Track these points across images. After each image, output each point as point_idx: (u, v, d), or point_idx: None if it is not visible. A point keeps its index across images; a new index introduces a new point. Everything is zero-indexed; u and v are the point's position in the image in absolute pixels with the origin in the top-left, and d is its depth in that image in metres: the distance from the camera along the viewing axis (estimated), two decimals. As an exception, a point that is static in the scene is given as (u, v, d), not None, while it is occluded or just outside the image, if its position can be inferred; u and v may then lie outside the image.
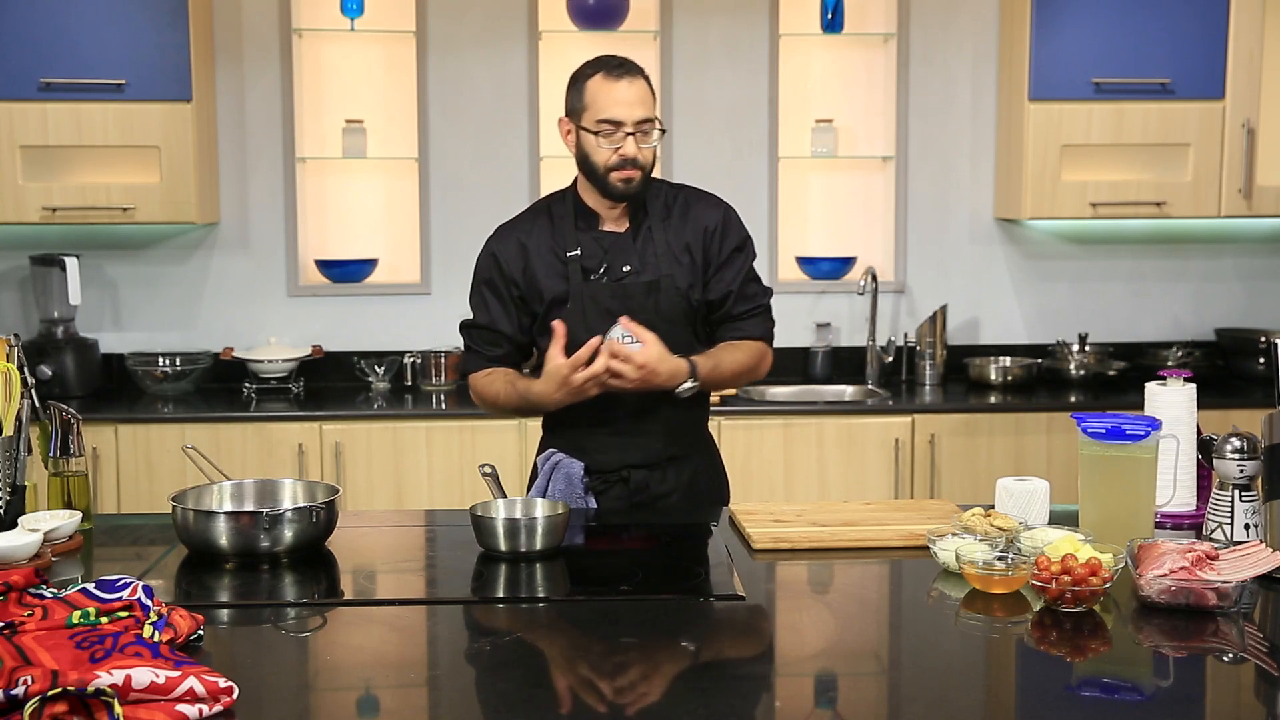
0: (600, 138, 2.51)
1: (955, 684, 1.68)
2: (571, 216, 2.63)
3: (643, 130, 2.52)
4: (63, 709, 1.42)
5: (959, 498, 4.00)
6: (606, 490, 2.63)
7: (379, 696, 1.64)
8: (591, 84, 2.53)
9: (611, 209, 2.62)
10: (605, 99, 2.51)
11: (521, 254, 2.62)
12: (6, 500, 2.26)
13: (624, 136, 2.50)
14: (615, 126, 2.51)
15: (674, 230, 2.62)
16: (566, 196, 2.67)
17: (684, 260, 2.61)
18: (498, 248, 2.65)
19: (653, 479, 2.64)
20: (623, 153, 2.51)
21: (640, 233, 2.62)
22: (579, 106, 2.55)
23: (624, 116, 2.50)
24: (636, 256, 2.60)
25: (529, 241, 2.62)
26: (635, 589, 2.05)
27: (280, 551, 2.15)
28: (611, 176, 2.53)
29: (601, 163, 2.53)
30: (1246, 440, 2.20)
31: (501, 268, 2.63)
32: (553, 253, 2.61)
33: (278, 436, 3.98)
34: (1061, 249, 4.67)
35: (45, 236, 4.39)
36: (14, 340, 2.37)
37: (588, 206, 2.63)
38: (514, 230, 2.67)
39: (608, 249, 2.60)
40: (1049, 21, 4.23)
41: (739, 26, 4.51)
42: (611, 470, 2.63)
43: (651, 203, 2.64)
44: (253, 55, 4.40)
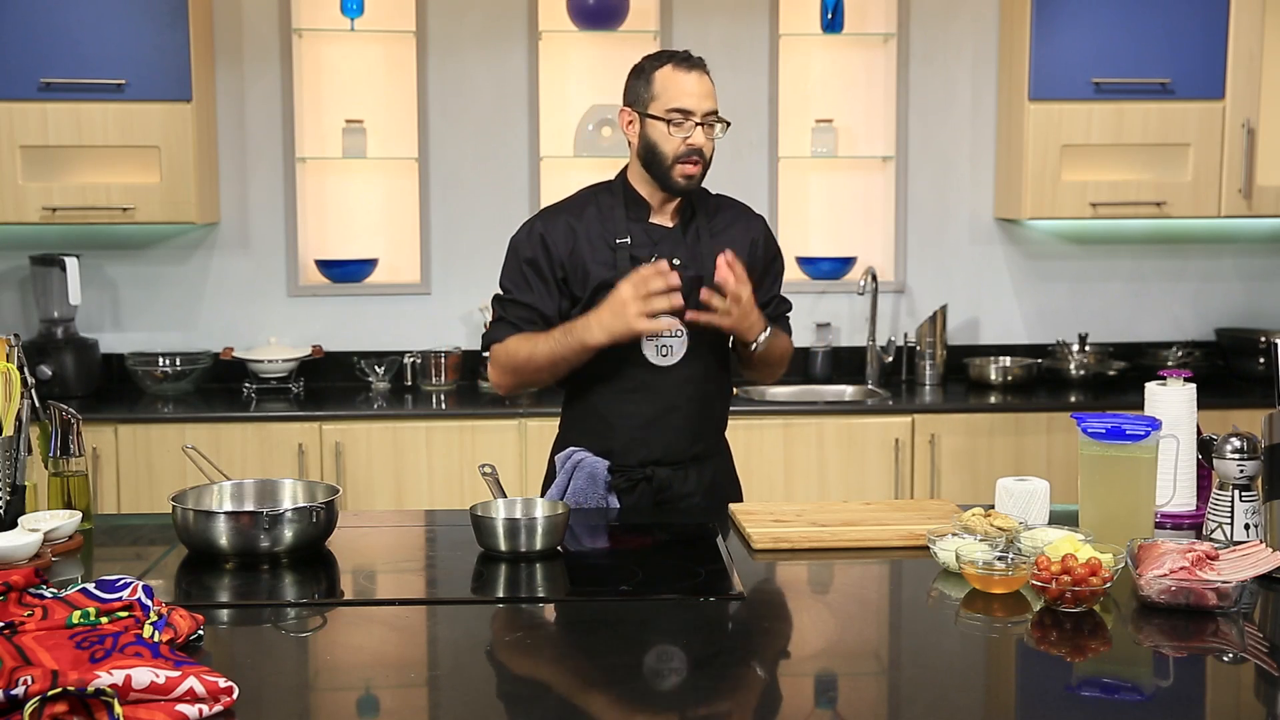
0: (671, 126, 2.53)
1: (955, 684, 1.68)
2: (622, 205, 2.64)
3: (709, 123, 2.55)
4: (63, 709, 1.42)
5: (959, 498, 4.00)
6: (630, 489, 2.63)
7: (379, 696, 1.64)
8: (661, 74, 2.55)
9: (663, 203, 2.64)
10: (676, 89, 2.53)
11: (570, 236, 2.61)
12: (6, 500, 2.26)
13: (693, 126, 2.53)
14: (685, 116, 2.52)
15: (720, 233, 2.66)
16: (614, 187, 2.67)
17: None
18: (545, 228, 2.63)
19: (676, 478, 2.64)
20: (691, 142, 2.53)
21: (689, 230, 2.64)
22: (646, 96, 2.56)
23: (694, 107, 2.53)
24: (686, 251, 2.61)
25: (578, 225, 2.62)
26: (635, 589, 2.05)
27: (280, 551, 2.15)
28: (677, 168, 2.55)
29: (670, 152, 2.54)
30: (1246, 440, 2.20)
31: (549, 248, 2.61)
32: (601, 239, 2.61)
33: (278, 436, 3.98)
34: (1061, 249, 4.67)
35: (45, 236, 4.39)
36: (14, 340, 2.37)
37: (639, 197, 2.64)
38: (562, 213, 2.66)
39: (658, 241, 2.62)
40: (1049, 21, 4.23)
41: (739, 26, 4.51)
42: (635, 468, 2.63)
43: (698, 204, 2.67)
44: (253, 55, 4.40)
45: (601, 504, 2.61)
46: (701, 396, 2.64)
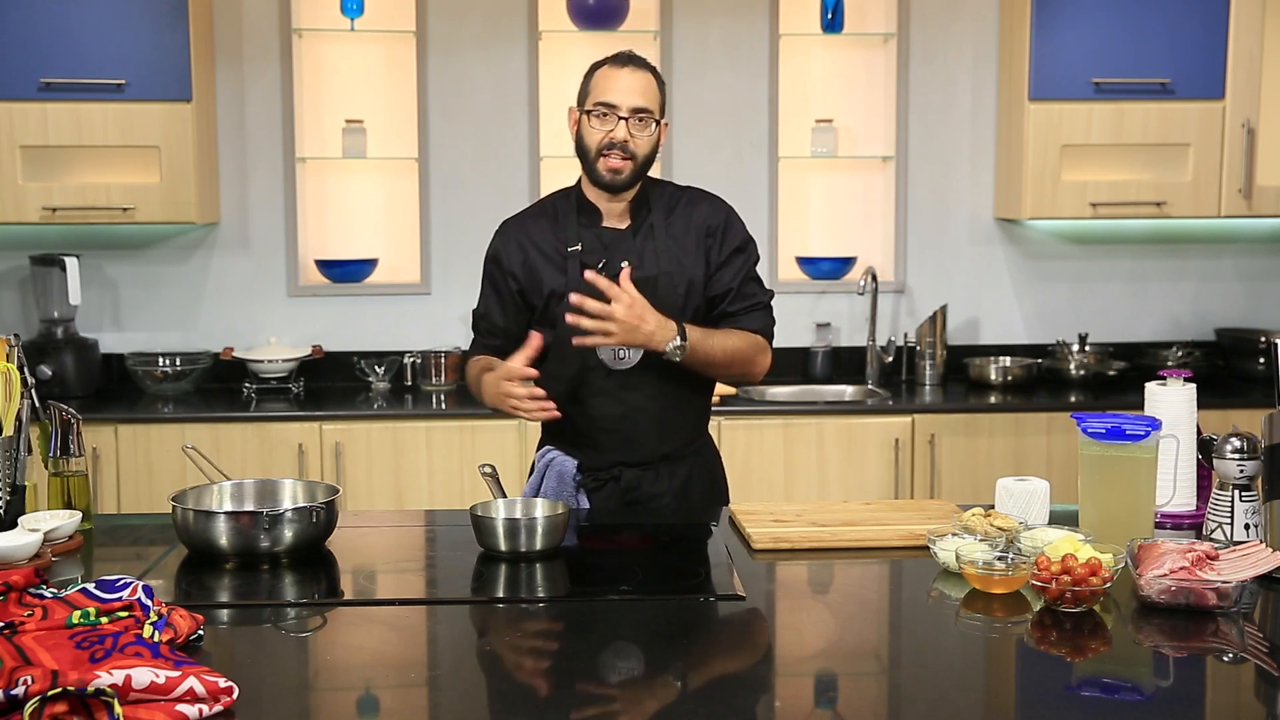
0: (594, 119, 2.55)
1: (955, 684, 1.68)
2: (574, 212, 2.65)
3: (638, 119, 2.54)
4: (63, 709, 1.42)
5: (959, 498, 4.00)
6: (598, 489, 2.63)
7: (379, 696, 1.64)
8: (599, 73, 2.59)
9: (613, 204, 2.63)
10: (604, 84, 2.56)
11: (521, 248, 2.65)
12: (6, 500, 2.26)
13: (616, 120, 2.53)
14: (609, 109, 2.54)
15: (676, 229, 2.64)
16: (571, 193, 2.69)
17: (684, 259, 2.62)
18: (500, 242, 2.69)
19: (645, 478, 2.63)
20: (612, 135, 2.53)
21: (641, 230, 2.63)
22: (583, 94, 2.60)
23: (619, 101, 2.53)
24: (636, 253, 2.61)
25: (531, 236, 2.65)
26: (635, 589, 2.05)
27: (280, 551, 2.15)
28: (600, 163, 2.55)
29: (592, 145, 2.56)
30: (1246, 440, 2.20)
31: (501, 262, 2.66)
32: (554, 247, 2.63)
33: (278, 436, 3.98)
34: (1061, 249, 4.67)
35: (45, 236, 4.39)
36: (14, 340, 2.37)
37: (590, 202, 2.65)
38: (517, 225, 2.70)
39: (608, 244, 2.62)
40: (1049, 21, 4.23)
41: (739, 26, 4.51)
42: (603, 468, 2.63)
43: (655, 202, 2.66)
44: (253, 55, 4.40)
45: (571, 503, 2.61)
46: (665, 397, 2.60)
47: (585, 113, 2.58)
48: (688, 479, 2.68)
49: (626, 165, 2.55)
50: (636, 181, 2.61)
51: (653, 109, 2.56)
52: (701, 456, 2.74)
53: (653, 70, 2.60)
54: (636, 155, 2.56)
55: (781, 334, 2.83)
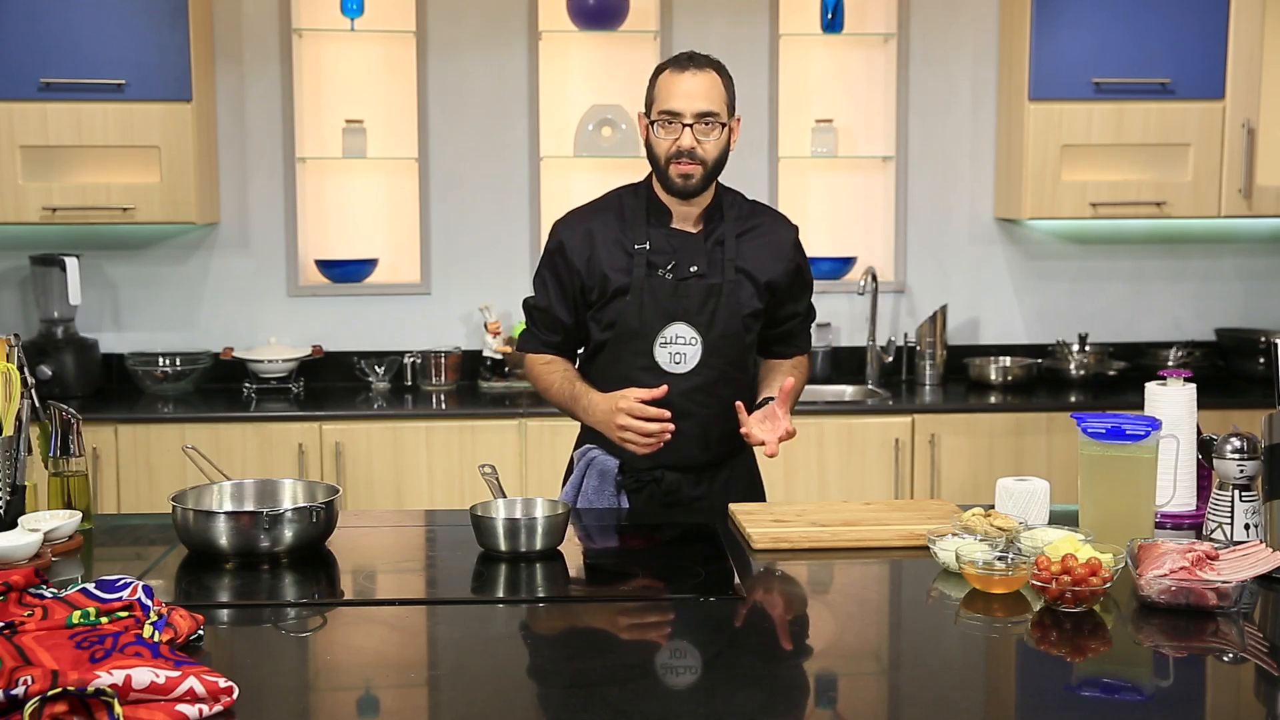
0: (660, 128, 2.53)
1: (955, 684, 1.68)
2: (644, 210, 2.62)
3: (704, 123, 2.51)
4: (63, 709, 1.42)
5: (959, 498, 4.00)
6: (639, 490, 2.62)
7: (379, 696, 1.64)
8: (662, 78, 2.56)
9: (684, 208, 2.61)
10: (667, 91, 2.53)
11: (588, 242, 2.61)
12: (6, 500, 2.26)
13: (681, 128, 2.51)
14: (673, 117, 2.51)
15: (748, 245, 2.63)
16: (640, 190, 2.66)
17: (753, 275, 2.62)
18: (565, 235, 2.63)
19: (686, 483, 2.64)
20: (679, 143, 2.51)
21: (712, 237, 2.62)
22: (649, 100, 2.58)
23: (682, 108, 2.50)
24: (705, 259, 2.59)
25: (597, 230, 2.62)
26: (635, 589, 2.05)
27: (280, 551, 2.15)
28: (671, 170, 2.53)
29: (661, 154, 2.54)
30: (1246, 440, 2.20)
31: (566, 255, 2.61)
32: (619, 244, 2.60)
33: (278, 436, 3.98)
34: (1061, 249, 4.67)
35: (45, 236, 4.39)
36: (14, 340, 2.37)
37: (661, 202, 2.62)
38: (583, 218, 2.66)
39: (677, 247, 2.60)
40: (1049, 21, 4.23)
41: (739, 26, 4.51)
42: (645, 470, 2.62)
43: (728, 211, 2.65)
44: (253, 55, 4.40)
45: (612, 502, 2.62)
46: (714, 404, 2.60)
47: (651, 121, 2.56)
48: (727, 484, 2.69)
49: (697, 170, 2.52)
50: (709, 185, 2.58)
51: (718, 111, 2.52)
52: (743, 464, 2.75)
53: (716, 66, 2.56)
54: (706, 160, 2.53)
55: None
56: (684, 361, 2.58)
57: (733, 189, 2.71)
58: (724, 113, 2.54)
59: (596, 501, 2.63)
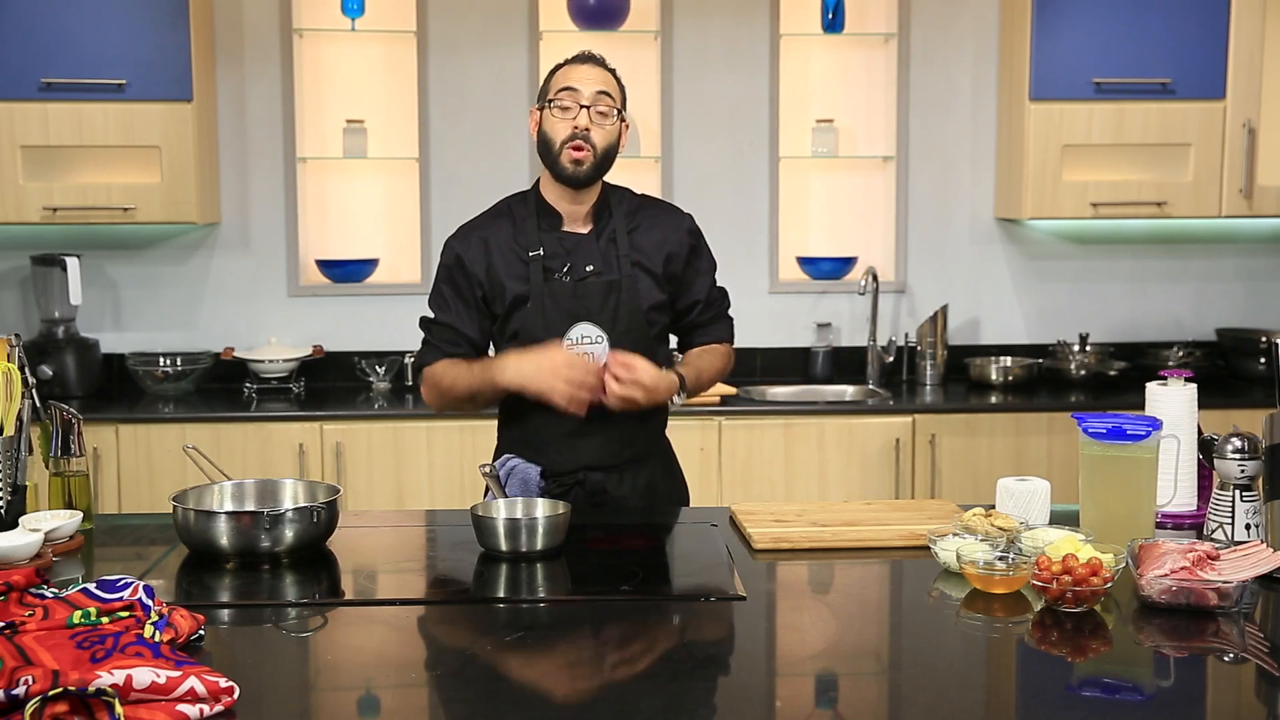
0: (556, 109, 2.52)
1: (956, 684, 1.68)
2: (534, 216, 2.59)
3: (599, 109, 2.51)
4: (64, 709, 1.42)
5: (959, 498, 4.00)
6: (563, 494, 2.57)
7: (379, 696, 1.64)
8: (560, 70, 2.57)
9: (575, 206, 2.59)
10: (565, 75, 2.54)
11: (484, 252, 2.57)
12: (7, 500, 2.26)
13: (579, 109, 2.50)
14: (572, 95, 2.51)
15: (639, 237, 2.61)
16: (528, 197, 2.64)
17: (649, 268, 2.60)
18: (460, 247, 2.60)
19: (609, 482, 2.61)
20: (576, 122, 2.49)
21: (604, 235, 2.60)
22: (544, 91, 2.58)
23: (580, 87, 2.51)
24: (599, 257, 2.58)
25: (491, 239, 2.58)
26: (636, 589, 2.05)
27: (281, 551, 2.15)
28: (564, 153, 2.50)
29: (556, 138, 2.51)
30: (1247, 440, 2.20)
31: (465, 267, 2.58)
32: (514, 252, 2.57)
33: (278, 436, 3.98)
34: (1062, 249, 4.67)
35: (46, 236, 4.39)
36: (15, 340, 2.37)
37: (550, 206, 2.60)
38: (476, 229, 2.62)
39: (570, 249, 2.58)
40: (1050, 21, 4.23)
41: (739, 26, 4.51)
42: (568, 473, 2.59)
43: (615, 207, 2.63)
44: (253, 55, 4.40)
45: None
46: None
47: (546, 105, 2.54)
48: (650, 480, 2.66)
49: (587, 156, 2.50)
50: (598, 176, 2.57)
51: (614, 98, 2.55)
52: (662, 457, 2.73)
53: (610, 68, 2.59)
54: (597, 146, 2.51)
55: (782, 334, 2.84)
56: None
57: (620, 186, 2.69)
58: (619, 102, 2.56)
59: None
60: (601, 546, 2.39)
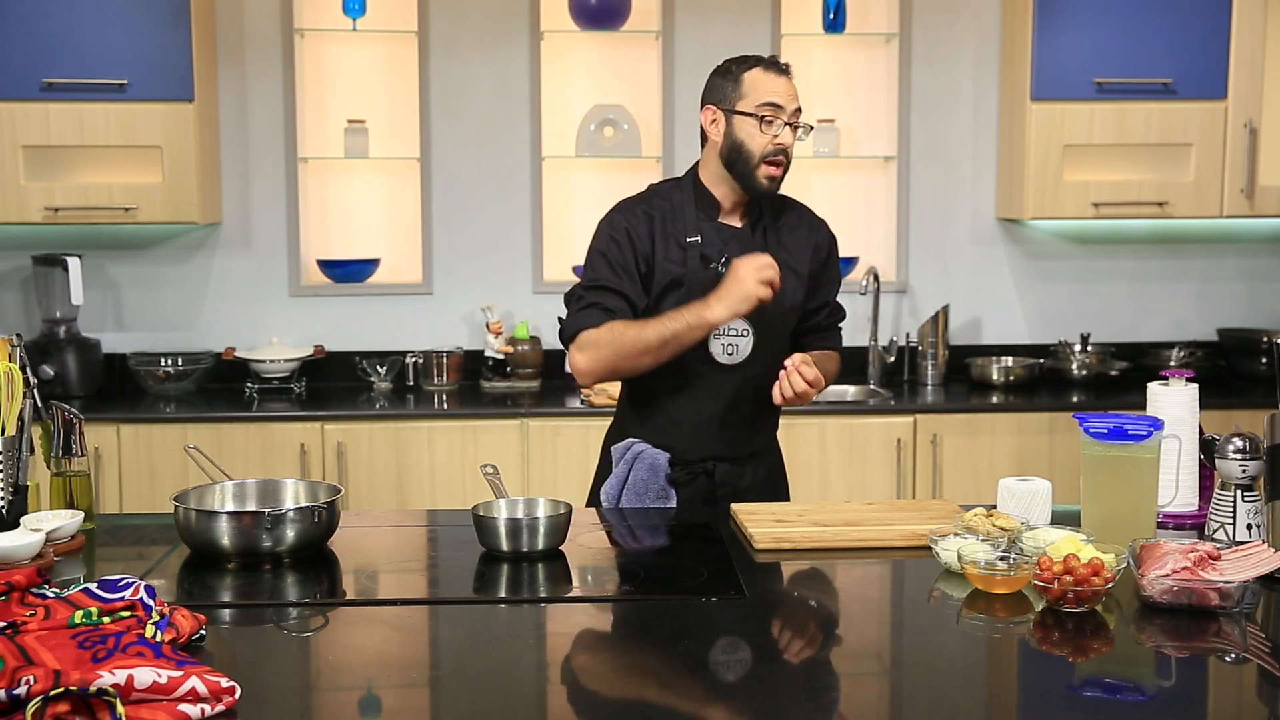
0: (761, 123, 2.55)
1: (957, 684, 1.68)
2: (692, 204, 2.64)
3: (796, 124, 2.58)
4: (65, 709, 1.42)
5: (961, 498, 4.00)
6: (690, 482, 2.64)
7: (381, 696, 1.64)
8: (751, 74, 2.58)
9: (734, 202, 2.65)
10: (766, 86, 2.56)
11: (649, 229, 2.61)
12: (9, 500, 2.26)
13: (782, 125, 2.55)
14: (776, 112, 2.55)
15: (787, 238, 2.69)
16: (684, 185, 2.68)
17: (795, 268, 2.67)
18: (629, 222, 2.61)
19: (734, 473, 2.67)
20: (779, 140, 2.55)
21: (758, 230, 2.66)
22: (734, 94, 2.58)
23: (785, 103, 2.56)
24: (755, 251, 2.60)
25: (655, 218, 2.62)
26: (637, 589, 2.05)
27: (282, 551, 2.15)
28: (762, 168, 2.56)
29: (757, 150, 2.56)
30: (1249, 440, 2.20)
31: (634, 241, 2.59)
32: (672, 237, 2.61)
33: (280, 436, 3.98)
34: (1063, 249, 4.67)
35: (47, 236, 4.39)
36: (16, 340, 2.37)
37: (709, 196, 2.64)
38: (640, 205, 2.65)
39: (727, 240, 2.63)
40: (1051, 21, 4.23)
41: (741, 27, 4.50)
42: (697, 461, 2.65)
43: (764, 204, 2.69)
44: (255, 55, 4.40)
45: (662, 495, 2.63)
46: (763, 395, 2.64)
47: (741, 114, 2.56)
48: (769, 475, 2.75)
49: (782, 170, 2.58)
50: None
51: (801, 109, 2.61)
52: (777, 454, 2.82)
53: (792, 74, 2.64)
54: (790, 160, 2.60)
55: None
56: (736, 353, 2.62)
57: None
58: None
59: (645, 495, 2.63)
60: (603, 546, 2.39)
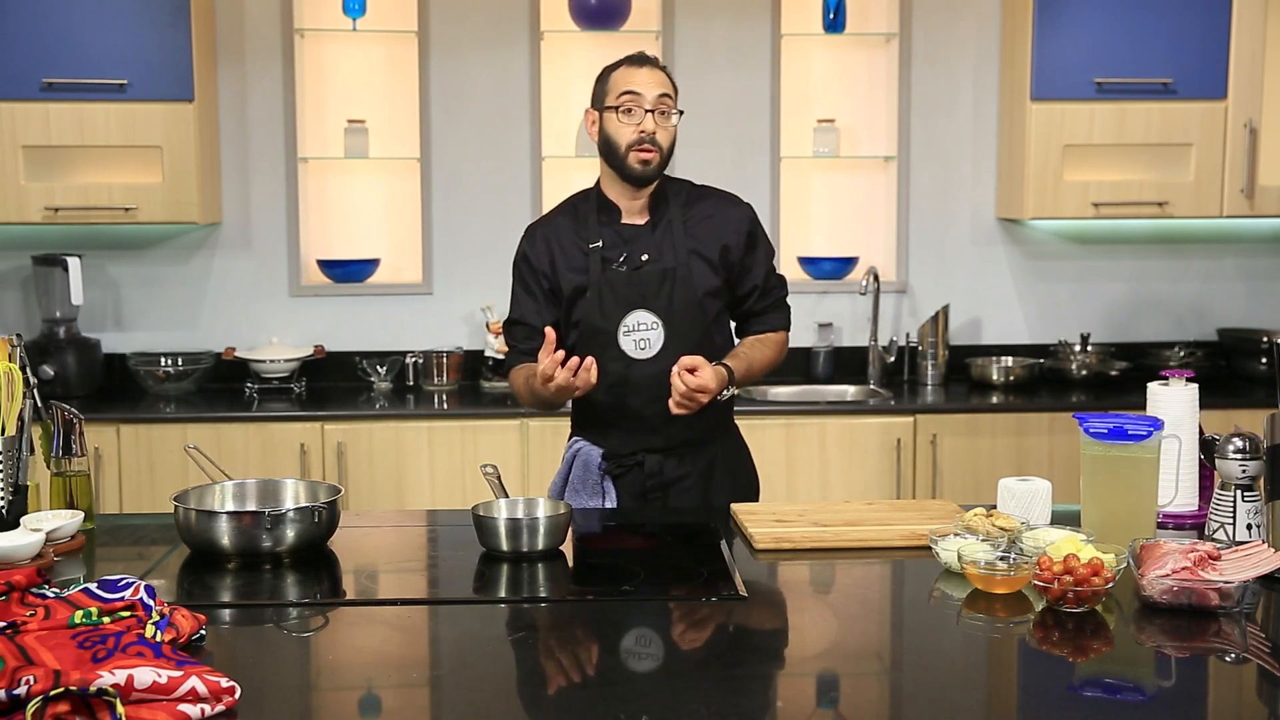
0: (620, 114, 2.62)
1: (957, 684, 1.68)
2: (594, 210, 2.72)
3: (661, 110, 2.63)
4: (65, 709, 1.43)
5: (961, 498, 4.00)
6: (623, 475, 2.70)
7: (381, 696, 1.64)
8: (616, 72, 2.67)
9: (633, 201, 2.71)
10: (625, 80, 2.64)
11: (547, 247, 2.71)
12: (9, 500, 2.26)
13: (644, 113, 2.61)
14: (635, 100, 2.61)
15: (696, 227, 2.72)
16: (589, 194, 2.76)
17: (704, 254, 2.70)
18: (527, 245, 2.76)
19: (667, 464, 2.70)
20: (642, 128, 2.61)
21: (660, 225, 2.70)
22: (602, 93, 2.68)
23: (643, 90, 2.61)
24: (655, 246, 2.68)
25: (553, 236, 2.73)
26: (637, 589, 2.05)
27: (282, 551, 2.15)
28: (631, 156, 2.62)
29: (623, 141, 2.62)
30: (1248, 440, 2.20)
31: (531, 263, 2.72)
32: (575, 246, 2.70)
33: (280, 436, 3.98)
34: (1063, 249, 4.67)
35: (47, 236, 4.39)
36: (16, 340, 2.37)
37: (609, 200, 2.72)
38: (540, 227, 2.77)
39: (628, 239, 2.69)
40: (1051, 21, 4.23)
41: (741, 26, 4.50)
42: (627, 454, 2.69)
43: (673, 198, 2.73)
44: (255, 55, 4.40)
45: (597, 490, 2.69)
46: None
47: (607, 109, 2.64)
48: (710, 464, 2.74)
49: (655, 157, 2.63)
50: (660, 173, 2.69)
51: (673, 97, 2.66)
52: (724, 443, 2.80)
53: (664, 69, 2.70)
54: (662, 147, 2.64)
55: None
56: (649, 347, 2.66)
57: (678, 177, 2.81)
58: (675, 101, 2.67)
59: (582, 490, 2.71)
60: (602, 546, 2.40)
